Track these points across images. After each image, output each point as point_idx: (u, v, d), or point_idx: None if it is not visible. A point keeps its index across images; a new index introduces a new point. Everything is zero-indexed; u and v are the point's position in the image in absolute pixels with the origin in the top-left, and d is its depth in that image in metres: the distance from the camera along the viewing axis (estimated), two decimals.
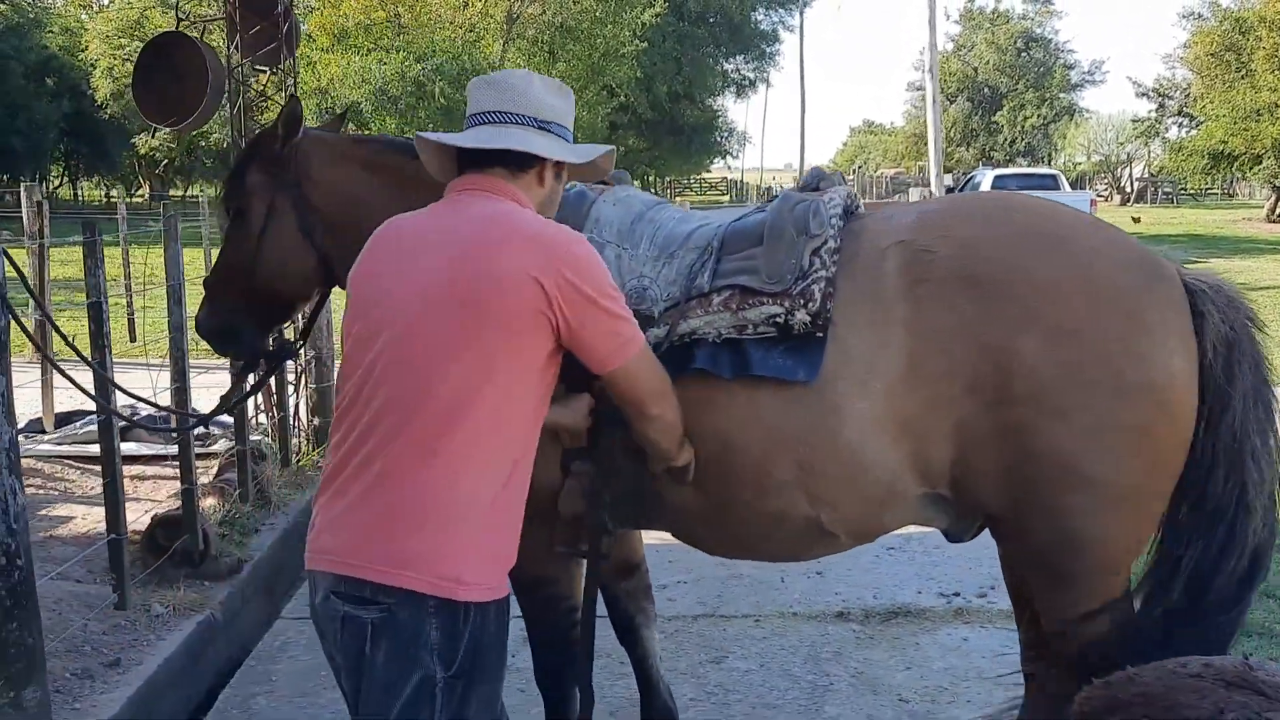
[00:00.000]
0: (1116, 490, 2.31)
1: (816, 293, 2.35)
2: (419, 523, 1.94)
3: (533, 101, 2.14)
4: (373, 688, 1.97)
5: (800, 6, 33.04)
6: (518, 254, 1.98)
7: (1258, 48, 30.11)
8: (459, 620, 1.96)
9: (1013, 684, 3.93)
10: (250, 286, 2.93)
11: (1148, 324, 2.30)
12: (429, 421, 1.95)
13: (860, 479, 2.38)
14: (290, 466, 6.37)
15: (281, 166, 2.86)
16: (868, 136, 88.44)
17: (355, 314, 2.10)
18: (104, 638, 4.31)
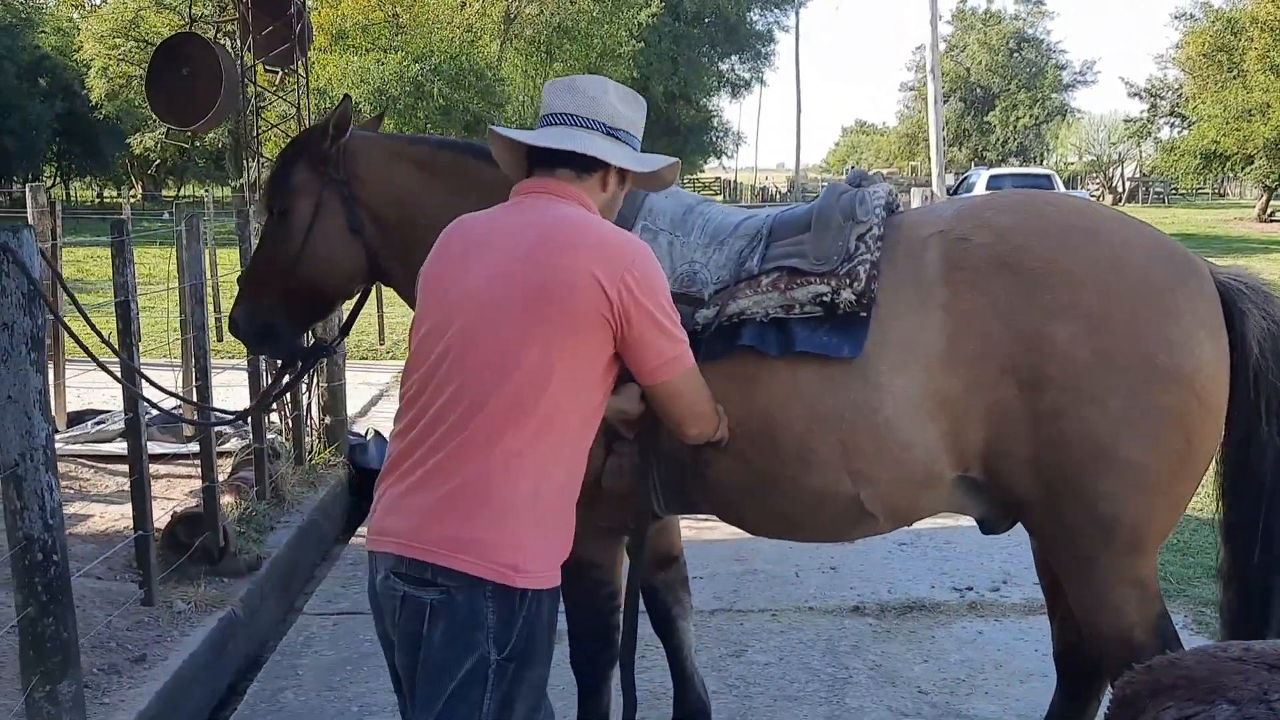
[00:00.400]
0: (1148, 474, 2.39)
1: (862, 273, 2.45)
2: (481, 510, 2.00)
3: (605, 108, 2.20)
4: (429, 666, 2.03)
5: (796, 7, 33.21)
6: (585, 257, 2.04)
7: (1249, 48, 30.33)
8: (515, 605, 2.02)
9: (1027, 674, 4.02)
10: (293, 284, 2.95)
11: (1178, 313, 2.38)
12: (495, 414, 2.01)
13: (898, 456, 2.45)
14: (303, 465, 6.41)
15: (330, 165, 2.89)
16: (860, 136, 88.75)
17: (426, 309, 2.16)
18: (128, 634, 4.34)
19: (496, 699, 2.04)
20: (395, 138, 3.19)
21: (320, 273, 2.93)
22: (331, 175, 2.88)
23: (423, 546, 2.02)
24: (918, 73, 65.48)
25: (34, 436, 3.25)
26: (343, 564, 5.26)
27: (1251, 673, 1.76)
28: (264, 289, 3.01)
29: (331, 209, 2.89)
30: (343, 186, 2.88)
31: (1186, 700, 1.79)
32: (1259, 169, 32.42)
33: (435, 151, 2.99)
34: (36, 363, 3.22)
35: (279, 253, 2.95)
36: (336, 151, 2.88)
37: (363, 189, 2.89)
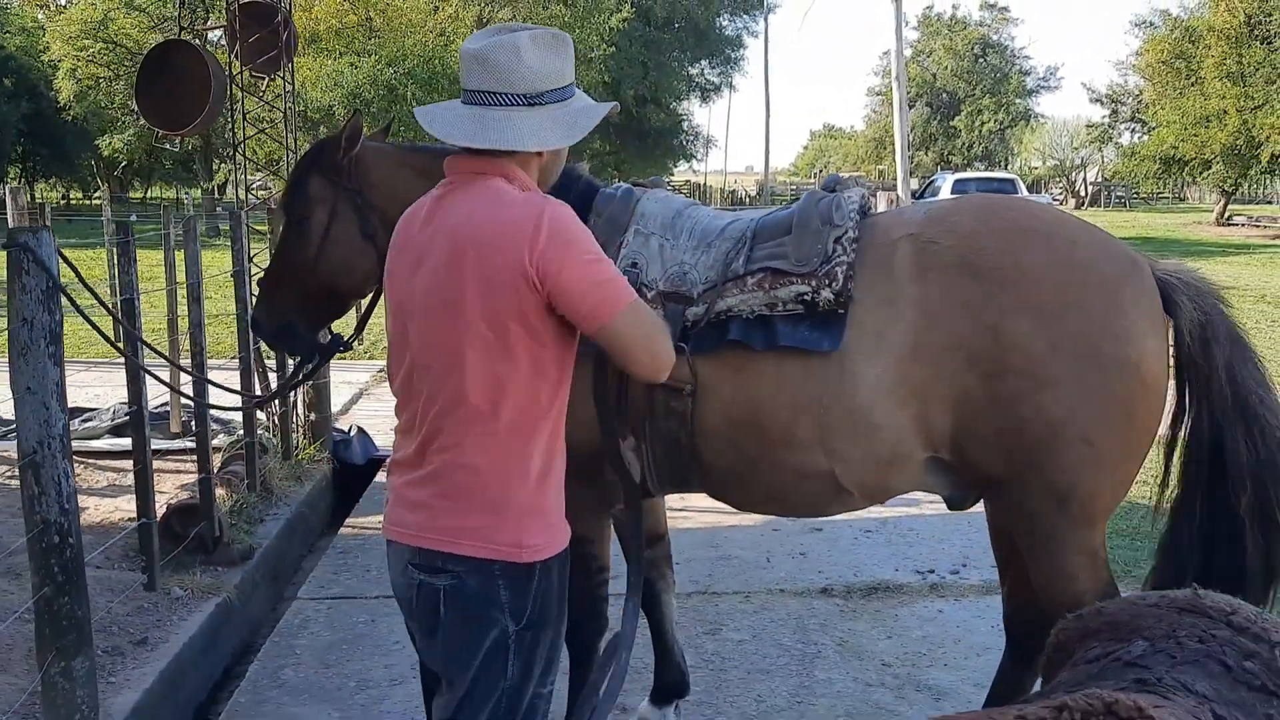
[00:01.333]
0: (1098, 452, 2.66)
1: (839, 274, 2.70)
2: (479, 497, 2.12)
3: (521, 77, 2.11)
4: (451, 647, 2.17)
5: (765, 12, 33.58)
6: (498, 248, 2.05)
7: (1207, 56, 30.95)
8: (525, 579, 2.15)
9: (984, 648, 4.29)
10: (310, 287, 3.14)
11: (1123, 306, 2.66)
12: (467, 413, 2.10)
13: (871, 437, 2.71)
14: (290, 460, 6.60)
15: (343, 174, 3.08)
16: (828, 140, 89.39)
17: (390, 313, 2.26)
18: (129, 619, 4.53)
19: (518, 666, 2.17)
20: (402, 147, 3.38)
21: (335, 275, 3.11)
22: (345, 185, 3.07)
23: (432, 536, 2.13)
24: (884, 77, 66.15)
25: (52, 426, 3.44)
26: (333, 553, 5.45)
27: (1165, 615, 2.03)
28: (283, 291, 3.19)
29: (345, 216, 3.07)
30: (355, 195, 3.06)
31: (1109, 640, 2.05)
32: (1217, 174, 33.09)
33: (436, 159, 3.17)
34: (54, 356, 3.41)
35: (297, 258, 3.13)
36: (349, 162, 3.06)
37: (374, 196, 3.07)
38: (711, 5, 33.33)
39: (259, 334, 3.37)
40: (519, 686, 2.18)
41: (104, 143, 30.79)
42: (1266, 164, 29.86)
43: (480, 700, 2.17)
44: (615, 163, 34.35)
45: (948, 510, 3.13)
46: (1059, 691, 1.96)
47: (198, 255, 4.94)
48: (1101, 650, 2.02)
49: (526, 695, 2.20)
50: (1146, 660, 1.90)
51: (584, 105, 2.23)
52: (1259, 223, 37.54)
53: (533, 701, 2.21)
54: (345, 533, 5.75)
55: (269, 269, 3.32)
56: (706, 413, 2.80)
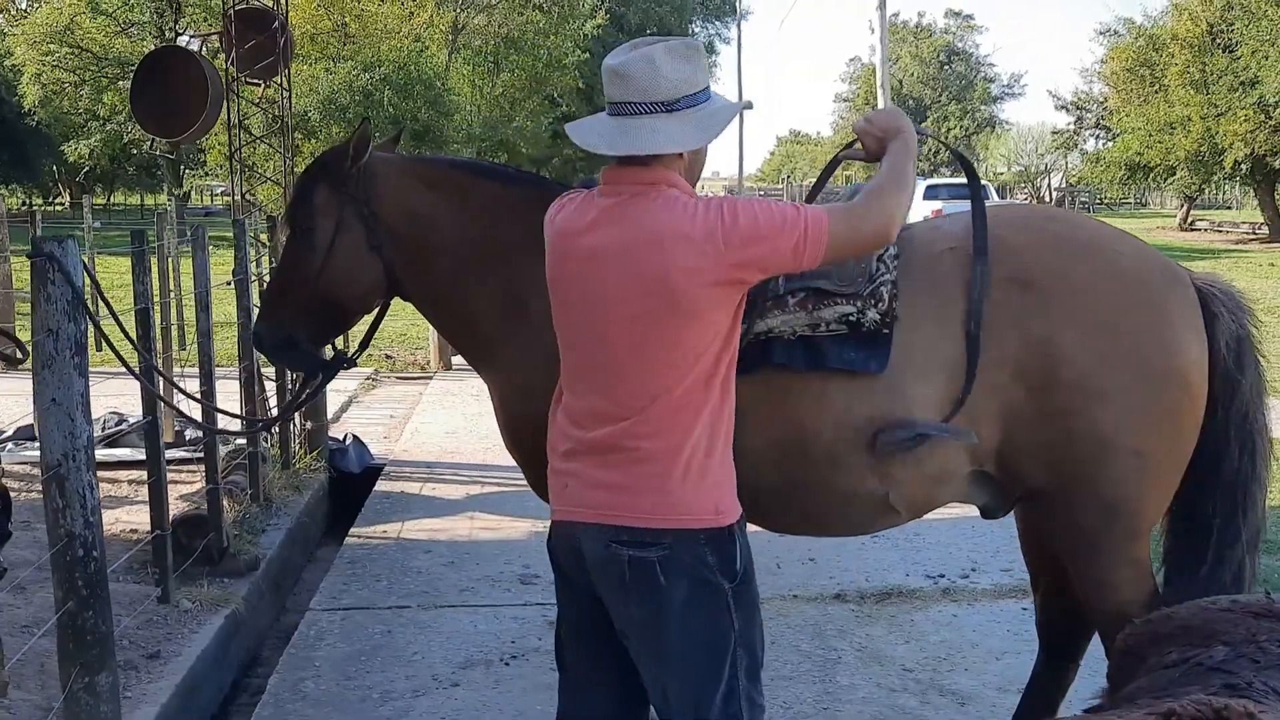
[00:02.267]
0: (1146, 463, 2.68)
1: (885, 293, 2.67)
2: (675, 475, 2.27)
3: (658, 85, 2.22)
4: (670, 610, 2.30)
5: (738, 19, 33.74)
6: (682, 248, 2.19)
7: (1170, 64, 31.40)
8: (726, 541, 2.32)
9: (1001, 652, 4.33)
10: (315, 300, 3.06)
11: (1170, 317, 2.68)
12: (650, 400, 2.26)
13: (923, 458, 2.69)
14: (289, 469, 6.54)
15: (350, 185, 3.00)
16: (795, 146, 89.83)
17: (556, 307, 2.39)
18: (139, 632, 4.47)
19: (742, 617, 2.35)
20: (411, 159, 3.34)
21: (341, 289, 3.04)
22: (352, 195, 2.99)
23: (639, 516, 2.28)
24: (852, 83, 66.69)
25: (77, 438, 3.38)
26: (341, 563, 5.41)
27: (1240, 619, 2.05)
28: (286, 304, 3.11)
29: (352, 228, 2.99)
30: (362, 206, 2.99)
31: (1185, 645, 2.07)
32: (1181, 180, 33.56)
33: (447, 171, 3.15)
34: (80, 367, 3.36)
35: (302, 270, 3.04)
36: (356, 173, 2.99)
37: (381, 208, 3.00)
38: (684, 12, 33.52)
39: (260, 348, 3.29)
40: (746, 634, 2.37)
41: (70, 148, 30.37)
42: (1229, 170, 30.32)
43: (719, 655, 2.33)
44: (589, 169, 34.35)
45: (953, 514, 3.13)
46: (1142, 697, 1.97)
47: (206, 264, 4.88)
48: (1179, 655, 2.04)
49: (755, 641, 2.41)
50: (1229, 665, 1.92)
51: (718, 107, 2.31)
52: (1221, 228, 38.17)
53: (760, 646, 2.44)
54: (352, 542, 5.71)
55: (271, 283, 3.25)
56: (747, 435, 2.72)
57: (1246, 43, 28.10)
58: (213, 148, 19.02)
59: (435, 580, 5.14)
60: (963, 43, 62.77)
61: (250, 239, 6.28)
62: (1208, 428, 2.80)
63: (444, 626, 4.62)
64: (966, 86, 60.24)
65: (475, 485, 6.79)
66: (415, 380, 10.56)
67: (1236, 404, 2.80)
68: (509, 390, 2.96)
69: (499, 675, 4.17)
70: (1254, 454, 2.84)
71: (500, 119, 21.32)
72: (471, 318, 3.03)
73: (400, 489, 6.69)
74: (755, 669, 2.41)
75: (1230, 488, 2.85)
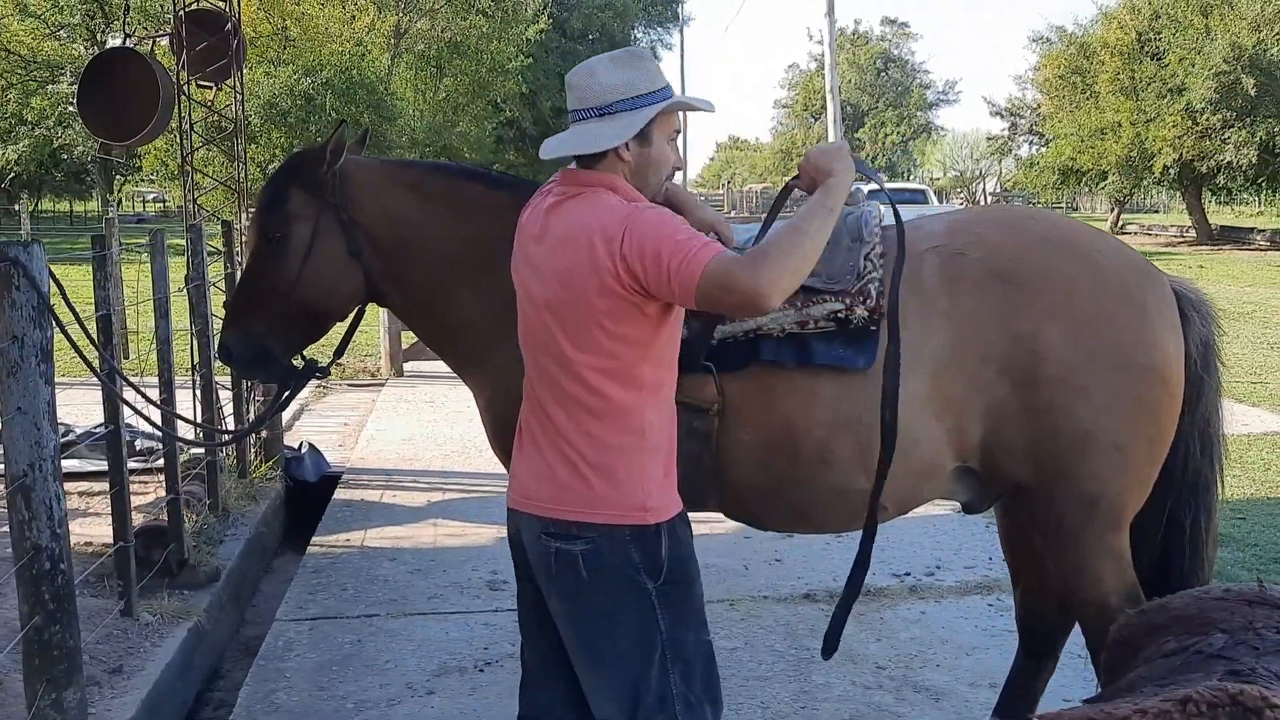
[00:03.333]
0: (1126, 457, 2.73)
1: (872, 290, 2.71)
2: (602, 471, 2.30)
3: (594, 91, 2.31)
4: (593, 606, 2.33)
5: (680, 25, 33.92)
6: (596, 248, 2.23)
7: (1101, 71, 32.10)
8: (652, 540, 2.32)
9: (971, 648, 4.39)
10: (291, 308, 2.98)
11: (1148, 314, 2.75)
12: (582, 396, 2.31)
13: (910, 453, 2.72)
14: (245, 479, 6.42)
15: (326, 189, 2.94)
16: (735, 152, 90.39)
17: (519, 301, 2.43)
18: (99, 646, 4.35)
19: (670, 619, 2.34)
20: (389, 162, 3.27)
21: (320, 296, 2.98)
22: (329, 200, 2.93)
23: (564, 509, 2.33)
24: (791, 90, 67.32)
25: (43, 447, 3.30)
26: (305, 572, 5.32)
27: (1235, 607, 2.10)
28: (258, 314, 3.01)
29: (330, 233, 2.93)
30: (340, 211, 2.93)
31: (1182, 634, 2.11)
32: (1112, 184, 34.27)
33: (428, 175, 3.09)
34: (46, 375, 3.28)
35: (276, 278, 2.96)
36: (333, 176, 2.94)
37: (361, 213, 2.95)
38: (627, 18, 33.57)
39: (229, 362, 3.17)
40: (676, 636, 2.35)
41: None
42: (1158, 174, 31.06)
43: (644, 655, 2.33)
44: (532, 174, 34.21)
45: (915, 512, 3.16)
46: (1143, 685, 2.01)
47: (165, 269, 4.78)
48: (1177, 644, 2.08)
49: (689, 643, 2.37)
50: (1230, 652, 1.96)
51: (652, 106, 2.32)
52: (1151, 231, 39.12)
53: (696, 649, 2.39)
54: (314, 552, 5.62)
55: (238, 292, 3.12)
56: (735, 432, 2.77)
57: (1174, 51, 28.86)
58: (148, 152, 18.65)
59: (403, 588, 5.08)
60: (899, 50, 63.71)
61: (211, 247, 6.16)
62: (1180, 425, 2.87)
63: (415, 634, 4.57)
64: (903, 93, 61.12)
65: (437, 492, 6.72)
66: (367, 387, 10.44)
67: (1200, 406, 2.89)
68: (498, 394, 2.93)
69: (474, 682, 4.13)
70: (1212, 457, 2.95)
71: (444, 124, 21.19)
72: (460, 322, 3.00)
73: (360, 497, 6.60)
74: (690, 672, 2.37)
75: (1192, 487, 2.94)
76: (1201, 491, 2.93)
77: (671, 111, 2.35)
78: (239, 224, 6.58)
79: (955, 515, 5.83)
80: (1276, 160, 28.00)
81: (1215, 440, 2.95)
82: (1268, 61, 26.37)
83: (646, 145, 2.36)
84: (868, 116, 60.45)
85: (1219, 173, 29.85)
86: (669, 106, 2.33)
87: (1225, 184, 32.91)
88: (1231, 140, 27.58)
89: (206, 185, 9.07)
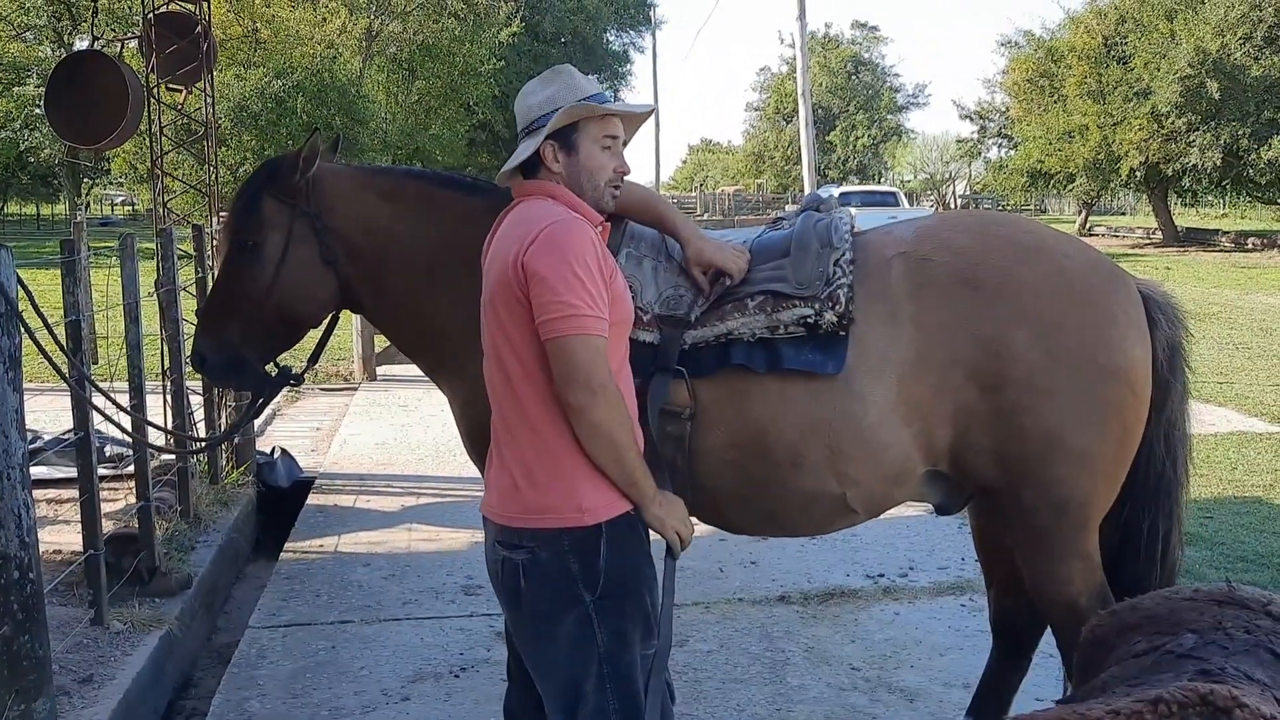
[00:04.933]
0: (1093, 458, 2.75)
1: (841, 296, 2.72)
2: (538, 478, 2.33)
3: (524, 112, 2.47)
4: (535, 616, 2.35)
5: (652, 28, 33.91)
6: (506, 257, 2.32)
7: (1069, 75, 32.43)
8: (593, 547, 2.31)
9: (945, 648, 4.42)
10: (265, 316, 2.97)
11: (1114, 316, 2.77)
12: (513, 404, 2.36)
13: (880, 457, 2.74)
14: (217, 484, 6.37)
15: (300, 197, 2.93)
16: (707, 155, 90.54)
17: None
18: (69, 656, 4.30)
19: (609, 634, 2.32)
20: (362, 168, 3.25)
21: (294, 303, 2.97)
22: (302, 208, 2.93)
23: (508, 516, 2.36)
24: (763, 93, 67.51)
25: (11, 455, 3.26)
26: (278, 579, 5.28)
27: (1204, 608, 2.12)
28: (232, 322, 3.00)
29: (304, 240, 2.93)
30: (314, 218, 2.93)
31: (1152, 634, 2.14)
32: (1079, 186, 34.66)
33: (401, 181, 3.08)
34: (13, 381, 3.24)
35: (249, 285, 2.95)
36: (306, 184, 2.93)
37: (335, 220, 2.94)
38: (599, 21, 33.53)
39: (203, 370, 3.16)
40: (615, 652, 2.32)
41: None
42: (1125, 177, 31.39)
43: (580, 668, 2.32)
44: None
45: (889, 514, 3.18)
46: (1115, 686, 2.03)
47: (136, 274, 4.74)
48: (1148, 644, 2.11)
49: (626, 659, 2.34)
50: (1200, 652, 1.99)
51: (551, 119, 2.42)
52: (1118, 233, 39.54)
53: (638, 665, 2.36)
54: (287, 558, 5.58)
55: (211, 299, 3.11)
56: (707, 436, 2.78)
57: (1139, 55, 29.19)
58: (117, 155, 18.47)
59: (377, 594, 5.05)
60: (869, 53, 63.98)
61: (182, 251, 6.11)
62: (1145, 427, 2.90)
63: (389, 640, 4.55)
64: (873, 96, 61.37)
65: (411, 496, 6.69)
66: (340, 391, 10.38)
67: (1167, 409, 2.91)
68: (472, 399, 2.91)
69: (450, 688, 4.12)
70: (1175, 460, 2.97)
71: (416, 127, 21.12)
72: (434, 328, 2.99)
73: (333, 502, 6.56)
74: (629, 689, 2.33)
75: (1154, 490, 2.96)
76: (1163, 495, 2.95)
77: (603, 118, 2.43)
78: (210, 228, 6.53)
79: (928, 517, 5.88)
80: (1240, 163, 28.36)
81: (1180, 443, 2.97)
82: (1231, 65, 26.73)
83: (574, 154, 2.42)
84: (839, 119, 60.67)
85: (1184, 175, 30.23)
86: (567, 111, 2.40)
87: (1190, 186, 33.34)
88: (1196, 143, 27.92)
89: (177, 189, 8.99)
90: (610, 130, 2.44)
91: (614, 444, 2.28)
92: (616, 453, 2.29)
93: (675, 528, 2.41)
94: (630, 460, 2.31)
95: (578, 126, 2.42)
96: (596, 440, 2.27)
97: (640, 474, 2.34)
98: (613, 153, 2.46)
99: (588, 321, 2.24)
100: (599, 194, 2.44)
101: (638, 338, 2.73)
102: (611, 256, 2.41)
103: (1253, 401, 9.31)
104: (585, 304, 2.24)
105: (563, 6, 32.30)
